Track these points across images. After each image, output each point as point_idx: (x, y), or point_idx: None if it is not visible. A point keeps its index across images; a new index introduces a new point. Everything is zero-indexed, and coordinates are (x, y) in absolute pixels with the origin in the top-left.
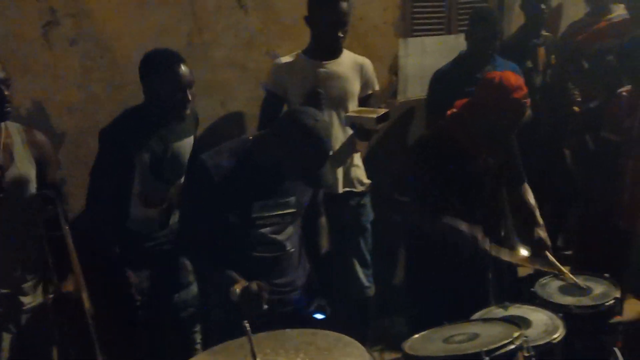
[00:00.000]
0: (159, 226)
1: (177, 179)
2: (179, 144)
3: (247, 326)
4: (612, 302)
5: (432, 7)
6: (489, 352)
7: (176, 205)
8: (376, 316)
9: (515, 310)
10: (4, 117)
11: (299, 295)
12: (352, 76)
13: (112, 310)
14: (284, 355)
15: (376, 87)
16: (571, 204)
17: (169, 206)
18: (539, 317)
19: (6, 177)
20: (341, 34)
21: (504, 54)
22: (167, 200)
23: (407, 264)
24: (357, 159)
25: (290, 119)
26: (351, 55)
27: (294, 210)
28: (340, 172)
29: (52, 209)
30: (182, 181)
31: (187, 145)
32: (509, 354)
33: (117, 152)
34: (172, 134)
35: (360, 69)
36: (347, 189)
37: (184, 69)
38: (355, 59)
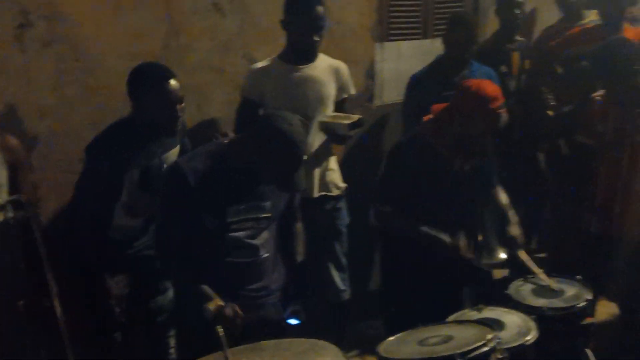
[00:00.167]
0: (140, 234)
1: None
2: (167, 155)
3: (221, 331)
4: (584, 303)
5: (408, 11)
6: (463, 355)
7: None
8: (353, 319)
9: (489, 312)
10: None
11: (275, 300)
12: (327, 80)
13: (86, 315)
14: None
15: (352, 91)
16: (544, 207)
17: (152, 215)
18: (512, 319)
19: None
20: (317, 38)
21: (479, 59)
22: (152, 209)
23: (382, 267)
24: (332, 162)
25: (265, 123)
26: (327, 59)
27: (269, 215)
28: (316, 176)
29: (23, 213)
30: None
31: (174, 155)
32: (483, 356)
33: (105, 168)
34: (161, 147)
35: (335, 73)
36: (322, 193)
37: (174, 85)
38: (330, 63)
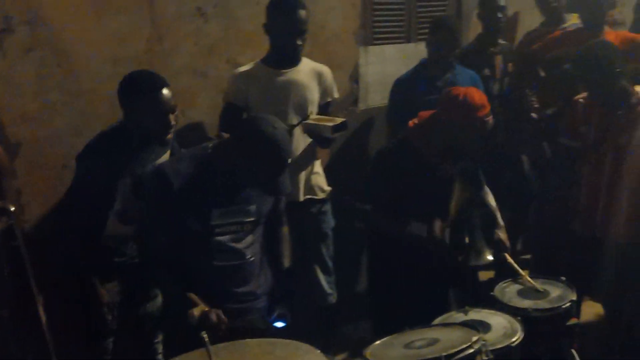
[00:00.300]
0: (132, 241)
1: None
2: (159, 161)
3: (206, 337)
4: (568, 304)
5: (392, 15)
6: (449, 357)
7: None
8: (340, 323)
9: (475, 314)
10: None
11: (261, 304)
12: (311, 84)
13: (76, 322)
14: None
15: (335, 94)
16: (529, 209)
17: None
18: (498, 320)
19: None
20: (300, 42)
21: (462, 62)
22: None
23: (369, 270)
24: (317, 166)
25: (249, 126)
26: (310, 63)
27: (254, 218)
28: (301, 180)
29: (7, 220)
30: None
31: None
32: (468, 358)
33: (97, 177)
34: (153, 153)
35: (319, 77)
36: (308, 196)
37: (167, 94)
38: (314, 67)
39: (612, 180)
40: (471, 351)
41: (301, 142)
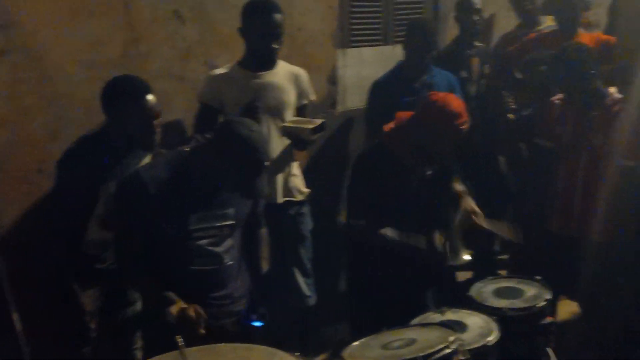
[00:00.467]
0: (113, 246)
1: None
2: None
3: (180, 341)
4: (544, 303)
5: (369, 18)
6: (426, 357)
7: None
8: (319, 325)
9: (452, 314)
10: None
11: (239, 308)
12: (287, 86)
13: (55, 330)
14: None
15: (312, 96)
16: (506, 209)
17: None
18: (474, 320)
19: None
20: (276, 45)
21: (439, 64)
22: None
23: (347, 271)
24: (295, 168)
25: (225, 129)
26: (286, 65)
27: (232, 222)
28: (279, 182)
29: None
30: None
31: None
32: (445, 357)
33: (79, 183)
34: (136, 158)
35: (295, 79)
36: (286, 198)
37: (151, 99)
38: (290, 70)
39: (587, 180)
40: (448, 351)
41: (279, 144)
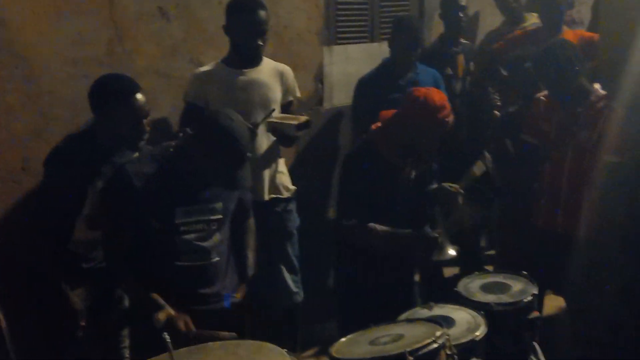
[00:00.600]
0: (100, 245)
1: None
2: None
3: (167, 338)
4: (530, 298)
5: (355, 15)
6: (413, 352)
7: None
8: (306, 322)
9: (439, 310)
10: None
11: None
12: (273, 83)
13: (39, 328)
14: None
15: (297, 93)
16: (492, 206)
17: None
18: (461, 315)
19: None
20: (260, 42)
21: (425, 61)
22: None
23: (335, 268)
24: (281, 165)
25: (207, 120)
26: (271, 62)
27: (220, 216)
28: (266, 179)
29: None
30: None
31: None
32: (432, 352)
33: (66, 182)
34: (124, 157)
35: (280, 76)
36: (273, 195)
37: (141, 99)
38: (275, 67)
39: (572, 176)
40: (435, 346)
41: (265, 140)
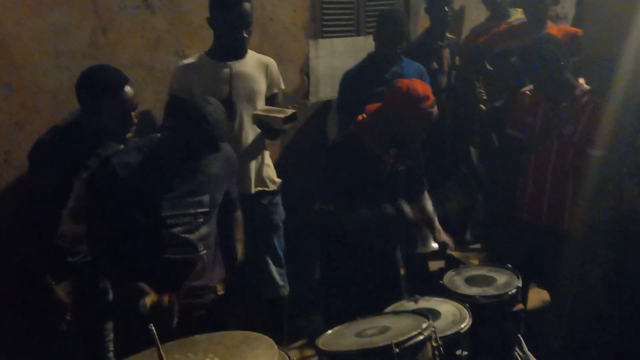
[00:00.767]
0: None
1: None
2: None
3: (154, 330)
4: (514, 291)
5: (341, 9)
6: (399, 344)
7: None
8: (293, 315)
9: (425, 302)
10: None
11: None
12: (258, 76)
13: (23, 325)
14: (192, 357)
15: (282, 86)
16: (476, 199)
17: None
18: (447, 308)
19: None
20: (246, 34)
21: (410, 56)
22: None
23: (321, 261)
24: (267, 158)
25: (184, 102)
26: (256, 55)
27: (207, 209)
28: (252, 172)
29: None
30: None
31: None
32: (418, 344)
33: (52, 173)
34: (109, 149)
35: (265, 69)
36: (259, 188)
37: (129, 91)
38: (260, 59)
39: (557, 170)
40: (421, 338)
41: (250, 133)
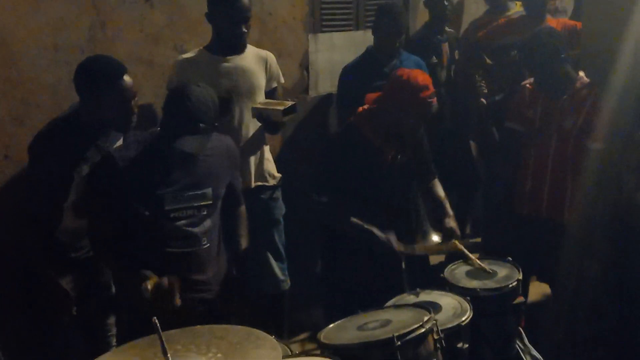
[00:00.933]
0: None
1: None
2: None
3: (157, 322)
4: (514, 284)
5: (340, 3)
6: (401, 337)
7: None
8: (294, 309)
9: (426, 296)
10: None
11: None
12: (257, 70)
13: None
14: (195, 350)
15: (281, 79)
16: (476, 193)
17: None
18: (448, 301)
19: None
20: (245, 29)
21: (409, 50)
22: None
23: (322, 255)
24: (267, 152)
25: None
26: (254, 49)
27: (210, 202)
28: (252, 166)
29: None
30: None
31: None
32: (420, 337)
33: (52, 166)
34: (108, 141)
35: (264, 63)
36: (259, 183)
37: (128, 80)
38: (258, 53)
39: (557, 163)
40: (422, 331)
41: (251, 127)
